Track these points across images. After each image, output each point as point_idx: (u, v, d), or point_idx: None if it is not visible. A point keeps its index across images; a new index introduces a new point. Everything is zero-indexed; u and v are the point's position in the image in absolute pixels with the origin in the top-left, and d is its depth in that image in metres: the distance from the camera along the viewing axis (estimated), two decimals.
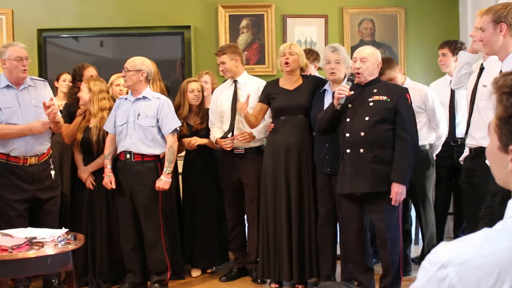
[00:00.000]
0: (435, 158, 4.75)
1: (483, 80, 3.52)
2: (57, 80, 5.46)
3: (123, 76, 4.44)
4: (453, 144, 4.81)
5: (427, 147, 4.66)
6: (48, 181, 4.35)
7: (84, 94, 4.53)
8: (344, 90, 3.93)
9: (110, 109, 4.54)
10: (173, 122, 4.38)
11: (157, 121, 4.36)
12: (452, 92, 4.84)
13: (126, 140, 4.36)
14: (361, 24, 6.40)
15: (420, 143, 4.42)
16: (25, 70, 4.22)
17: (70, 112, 4.73)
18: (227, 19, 6.29)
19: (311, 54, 4.95)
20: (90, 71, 4.93)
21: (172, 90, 5.61)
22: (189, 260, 4.96)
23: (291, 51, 4.49)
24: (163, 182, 4.32)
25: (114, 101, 4.62)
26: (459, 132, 4.78)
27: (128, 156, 4.36)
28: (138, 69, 4.33)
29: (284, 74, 4.57)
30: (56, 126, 4.33)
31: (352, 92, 3.95)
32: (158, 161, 4.39)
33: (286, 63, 4.48)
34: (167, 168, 4.32)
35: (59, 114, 4.38)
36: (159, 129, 4.38)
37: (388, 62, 4.61)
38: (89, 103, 4.54)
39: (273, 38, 6.28)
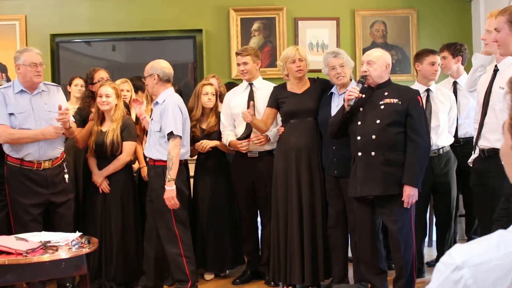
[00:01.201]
0: None
1: (499, 82, 3.49)
2: (70, 84, 5.50)
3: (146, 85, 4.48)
4: (456, 144, 4.81)
5: (448, 148, 4.68)
6: (62, 185, 4.37)
7: (113, 100, 4.55)
8: (353, 91, 3.92)
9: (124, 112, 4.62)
10: (168, 125, 4.21)
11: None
12: (455, 94, 4.87)
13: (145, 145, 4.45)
14: (373, 26, 6.39)
15: (445, 144, 4.58)
16: (39, 75, 4.25)
17: (82, 116, 4.76)
18: (239, 22, 6.31)
19: None
20: (101, 74, 4.94)
21: (184, 93, 5.63)
22: (202, 263, 4.95)
23: (300, 58, 4.48)
24: (167, 191, 4.19)
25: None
26: (461, 133, 4.82)
27: (147, 159, 4.42)
28: (149, 74, 4.34)
29: (294, 79, 4.56)
30: (67, 132, 4.36)
31: (362, 95, 3.95)
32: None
33: (300, 70, 4.49)
34: (167, 176, 4.19)
35: (72, 119, 4.40)
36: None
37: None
38: (115, 108, 4.57)
39: (284, 41, 6.28)
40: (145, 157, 4.58)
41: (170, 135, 4.19)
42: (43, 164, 4.26)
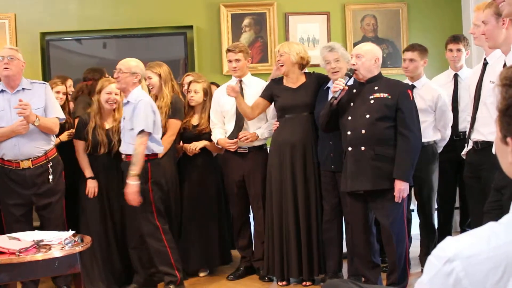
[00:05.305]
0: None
1: (489, 76, 3.50)
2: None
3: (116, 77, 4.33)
4: (456, 138, 4.81)
5: (431, 142, 4.64)
6: (45, 186, 4.24)
7: (118, 97, 4.57)
8: (339, 83, 3.93)
9: None
10: (140, 123, 4.14)
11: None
12: (456, 87, 4.85)
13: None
14: (363, 20, 6.40)
15: (426, 140, 4.43)
16: (6, 68, 4.11)
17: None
18: (229, 18, 6.30)
19: None
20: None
21: None
22: (194, 261, 4.92)
23: (281, 53, 4.49)
24: (130, 186, 4.08)
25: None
26: (461, 126, 4.80)
27: (123, 157, 4.32)
28: (133, 72, 4.23)
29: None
30: (43, 128, 4.19)
31: (347, 87, 3.95)
32: (147, 161, 4.27)
33: (279, 68, 4.54)
34: (131, 171, 4.08)
35: (47, 116, 4.24)
36: None
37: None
38: (118, 106, 4.60)
39: (275, 36, 6.28)
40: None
41: (141, 132, 4.13)
42: (21, 163, 4.15)
